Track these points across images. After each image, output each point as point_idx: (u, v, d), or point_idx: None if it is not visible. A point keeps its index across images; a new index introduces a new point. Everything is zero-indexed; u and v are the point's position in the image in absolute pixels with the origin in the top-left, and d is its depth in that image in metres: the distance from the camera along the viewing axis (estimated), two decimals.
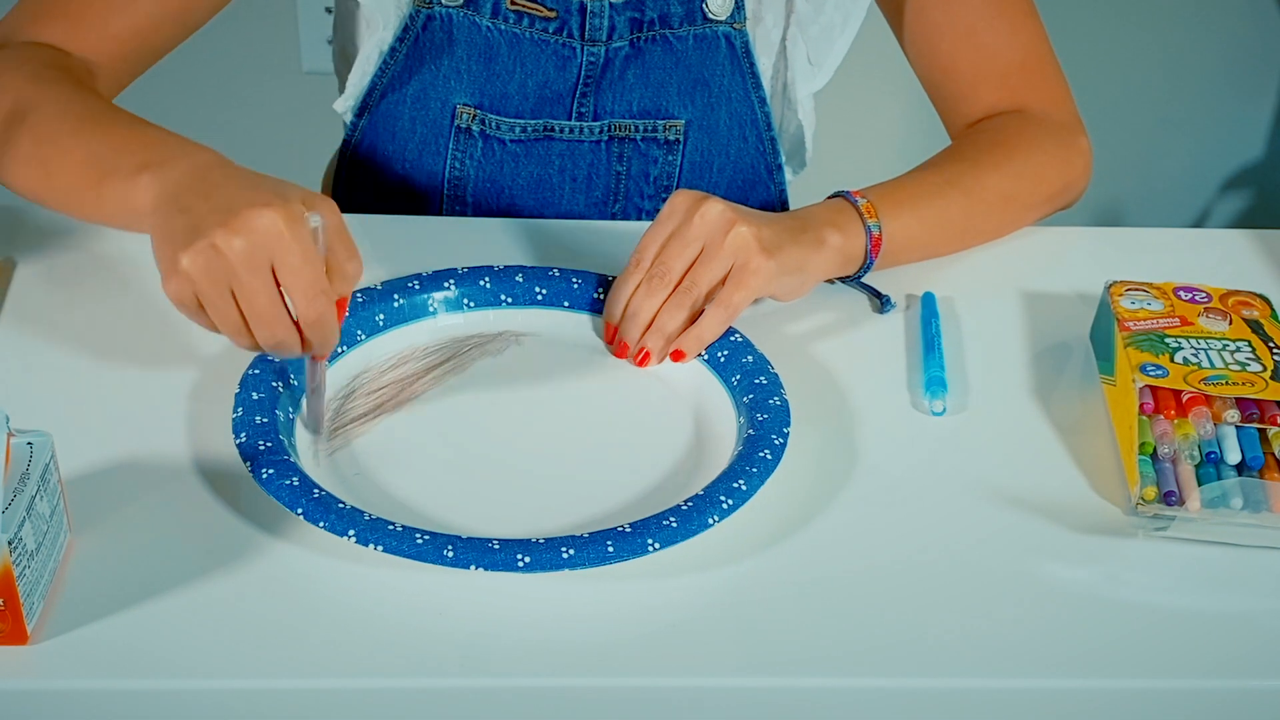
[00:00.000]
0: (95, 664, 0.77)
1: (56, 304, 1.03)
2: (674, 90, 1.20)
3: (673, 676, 0.79)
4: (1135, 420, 0.91)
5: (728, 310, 0.99)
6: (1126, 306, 1.00)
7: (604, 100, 1.19)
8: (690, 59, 1.18)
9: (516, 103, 1.18)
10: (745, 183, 1.26)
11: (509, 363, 1.00)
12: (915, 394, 0.99)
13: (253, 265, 0.83)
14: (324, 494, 0.84)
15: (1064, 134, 1.19)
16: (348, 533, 0.81)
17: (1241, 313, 1.00)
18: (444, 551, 0.81)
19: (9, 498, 0.76)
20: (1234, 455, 0.90)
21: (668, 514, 0.84)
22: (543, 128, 1.19)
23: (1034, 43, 1.19)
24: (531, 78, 1.17)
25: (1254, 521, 0.88)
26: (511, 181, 1.22)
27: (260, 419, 0.89)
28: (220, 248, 0.83)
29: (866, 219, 1.05)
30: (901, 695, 0.80)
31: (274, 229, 0.83)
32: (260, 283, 0.84)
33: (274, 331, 0.85)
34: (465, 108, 1.18)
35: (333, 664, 0.78)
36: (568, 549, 0.81)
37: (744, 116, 1.23)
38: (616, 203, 1.24)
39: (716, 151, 1.24)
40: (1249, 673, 0.81)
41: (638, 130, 1.21)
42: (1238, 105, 2.47)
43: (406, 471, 0.90)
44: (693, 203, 0.99)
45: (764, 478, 0.88)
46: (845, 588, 0.84)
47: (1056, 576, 0.86)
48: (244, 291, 0.84)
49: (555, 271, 1.04)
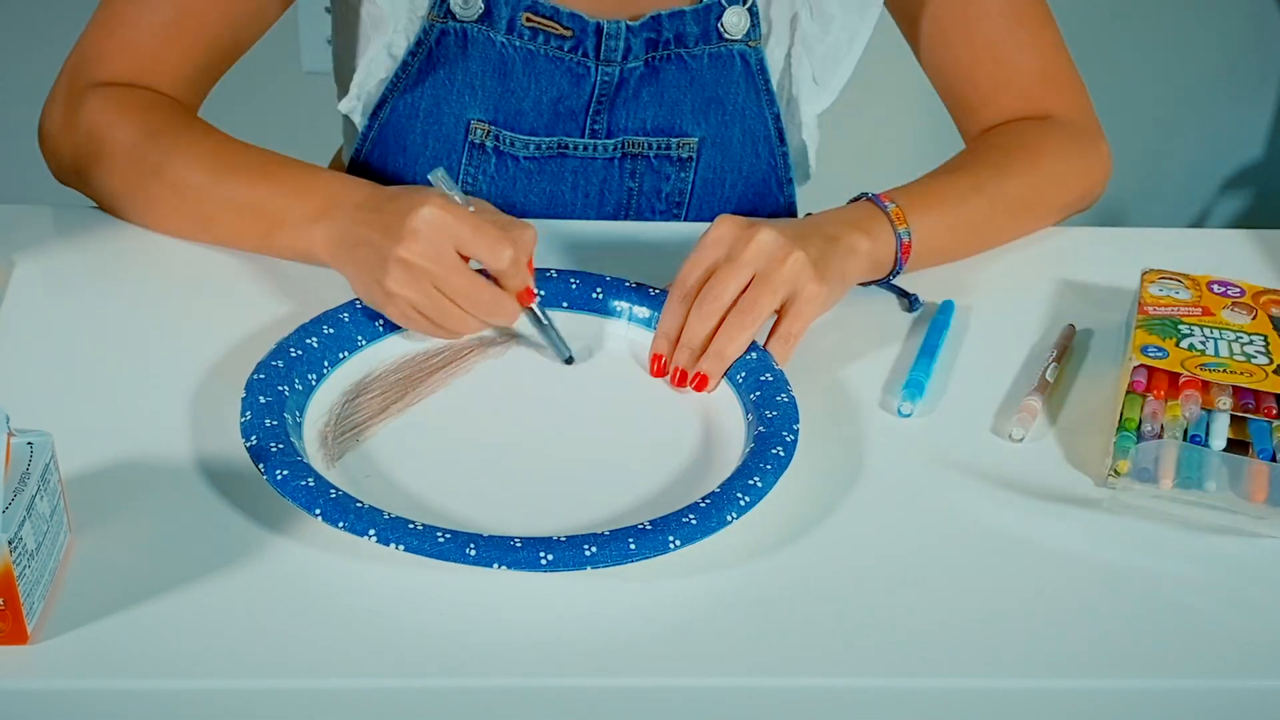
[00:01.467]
0: (95, 664, 0.77)
1: (56, 304, 1.03)
2: (688, 108, 1.19)
3: (678, 677, 0.79)
4: None
5: (788, 344, 0.98)
6: (1153, 293, 1.03)
7: (618, 118, 1.18)
8: (705, 78, 1.18)
9: (531, 119, 1.17)
10: (756, 196, 1.26)
11: (511, 364, 1.01)
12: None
13: (438, 257, 0.93)
14: (341, 494, 0.84)
15: (1085, 140, 1.19)
16: (368, 532, 0.81)
17: (1271, 310, 1.02)
18: (466, 550, 0.80)
19: (9, 497, 0.76)
20: (1219, 441, 0.92)
21: (687, 511, 0.84)
22: (557, 145, 1.19)
23: (1053, 50, 1.19)
24: (546, 94, 1.16)
25: (1224, 504, 0.88)
26: (524, 198, 1.21)
27: (270, 421, 0.89)
28: (407, 258, 0.93)
29: (896, 226, 1.05)
30: (900, 695, 0.80)
31: (435, 218, 0.93)
32: (452, 268, 0.94)
33: (483, 297, 0.95)
34: (479, 124, 1.17)
35: (332, 664, 0.78)
36: (590, 546, 0.81)
37: (757, 132, 1.22)
38: (628, 218, 1.24)
39: (729, 168, 1.23)
40: (1250, 672, 0.81)
41: (651, 148, 1.20)
42: (1238, 105, 2.47)
43: (415, 472, 0.90)
44: (742, 230, 0.98)
45: (778, 474, 0.88)
46: (850, 588, 0.84)
47: (1057, 577, 0.86)
48: (447, 284, 0.94)
49: (553, 273, 1.04)
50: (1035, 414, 0.97)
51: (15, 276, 1.05)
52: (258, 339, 0.98)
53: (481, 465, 0.92)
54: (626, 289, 1.04)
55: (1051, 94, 1.19)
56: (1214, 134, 2.49)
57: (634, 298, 1.03)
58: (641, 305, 1.03)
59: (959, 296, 1.09)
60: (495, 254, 0.94)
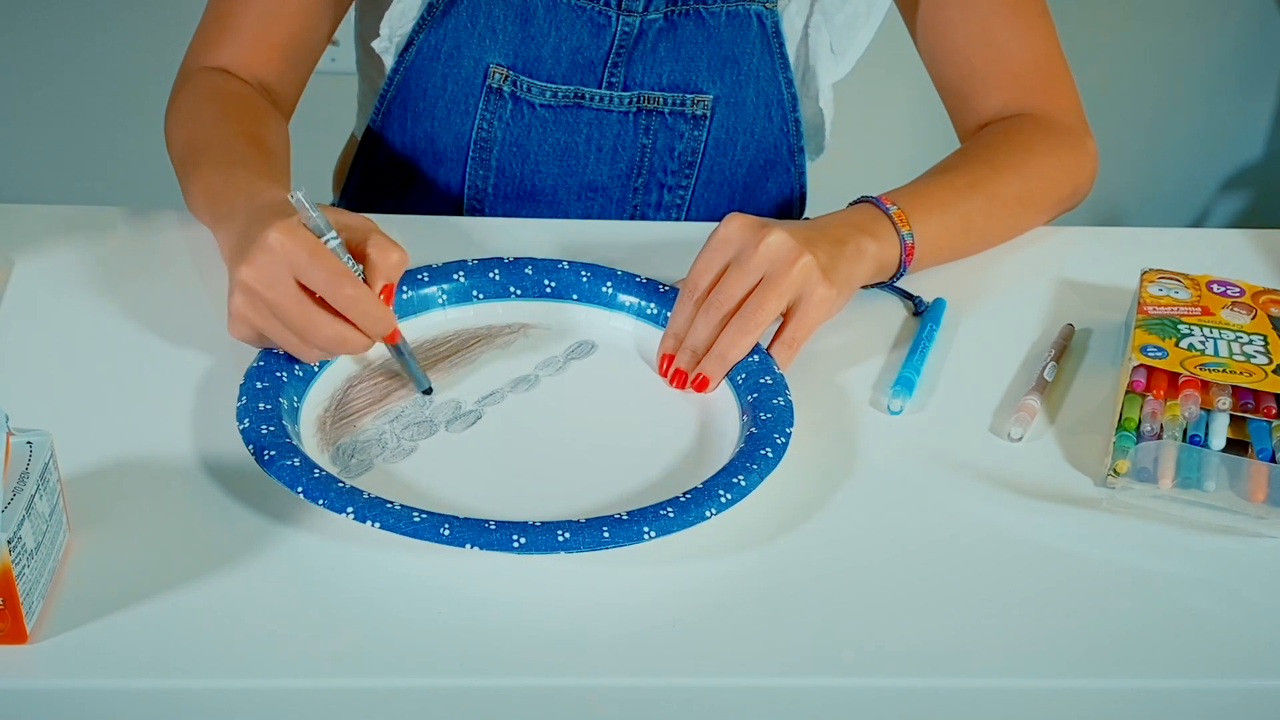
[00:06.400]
0: (95, 663, 0.77)
1: (56, 304, 1.03)
2: (704, 65, 1.20)
3: (671, 675, 0.79)
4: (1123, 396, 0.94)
5: (791, 349, 0.98)
6: (1152, 292, 1.03)
7: (635, 71, 1.20)
8: (722, 35, 1.19)
9: (549, 66, 1.19)
10: (767, 162, 1.27)
11: (517, 355, 1.01)
12: (902, 395, 1.00)
13: (272, 283, 0.90)
14: (324, 474, 0.84)
15: (1073, 138, 1.19)
16: (345, 510, 0.82)
17: (1271, 310, 1.02)
18: (440, 530, 0.81)
19: (8, 497, 0.76)
20: (1218, 441, 0.92)
21: (665, 504, 0.85)
22: (573, 94, 1.20)
23: (1046, 44, 1.20)
24: (565, 42, 1.18)
25: (1224, 504, 0.88)
26: (538, 147, 1.22)
27: (264, 405, 0.90)
28: (247, 281, 0.90)
29: (900, 228, 1.05)
30: (896, 695, 0.80)
31: (276, 244, 0.89)
32: (283, 295, 0.90)
33: (321, 332, 0.90)
34: (498, 68, 1.19)
35: (332, 663, 0.78)
36: (563, 532, 0.82)
37: (771, 96, 1.23)
38: (640, 176, 1.25)
39: (742, 129, 1.24)
40: (1250, 672, 0.81)
41: (666, 104, 1.21)
42: (1238, 105, 2.47)
43: (414, 462, 0.91)
44: (751, 231, 0.98)
45: (764, 474, 0.88)
46: (846, 586, 0.84)
47: (1056, 577, 0.86)
48: (278, 308, 0.90)
49: (565, 264, 1.04)
50: (1034, 414, 0.97)
51: (15, 276, 1.05)
52: None
53: (478, 454, 0.92)
54: (636, 284, 1.04)
55: (1044, 86, 1.20)
56: (1214, 134, 2.49)
57: (643, 293, 1.04)
58: (651, 301, 1.03)
59: (958, 296, 1.09)
60: (334, 287, 0.89)
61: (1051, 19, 1.20)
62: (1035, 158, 1.16)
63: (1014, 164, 1.15)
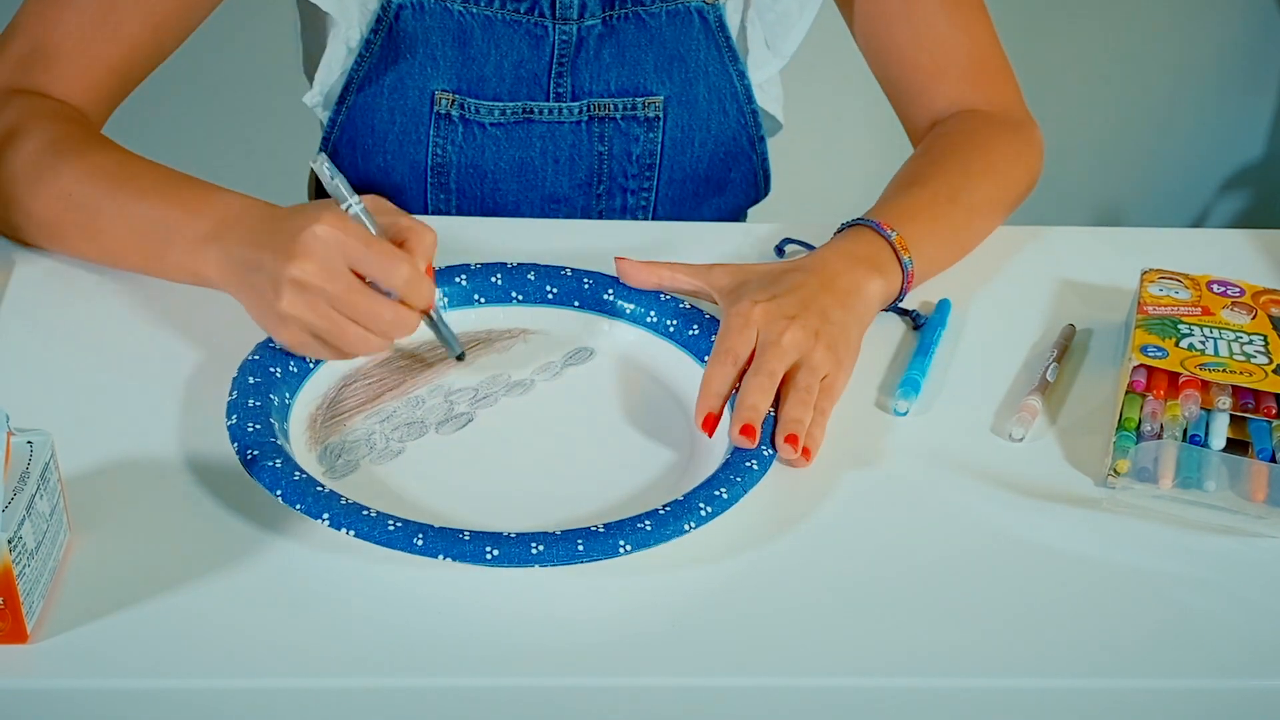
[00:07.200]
0: (95, 663, 0.77)
1: (56, 304, 1.03)
2: (650, 67, 1.20)
3: (669, 676, 0.79)
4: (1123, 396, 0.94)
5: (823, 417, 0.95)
6: (1152, 292, 1.03)
7: (581, 80, 1.19)
8: (664, 35, 1.19)
9: (494, 85, 1.19)
10: (728, 155, 1.27)
11: (514, 359, 1.01)
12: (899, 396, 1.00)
13: (333, 275, 0.88)
14: (304, 476, 0.84)
15: (1024, 131, 1.21)
16: (322, 515, 0.82)
17: (1271, 310, 1.02)
18: (414, 540, 0.81)
19: (9, 496, 0.76)
20: (1219, 441, 0.92)
21: (643, 517, 0.84)
22: (521, 110, 1.20)
23: (987, 36, 1.21)
24: (506, 58, 1.17)
25: (1224, 504, 0.88)
26: (494, 166, 1.22)
27: (253, 402, 0.90)
28: (301, 278, 0.88)
29: (901, 254, 1.04)
30: (897, 695, 0.80)
31: (329, 236, 0.88)
32: (348, 286, 0.89)
33: (384, 316, 0.90)
34: (444, 93, 1.18)
35: (331, 663, 0.78)
36: (537, 545, 0.81)
37: (723, 90, 1.23)
38: (601, 184, 1.24)
39: (697, 126, 1.24)
40: (1250, 672, 0.81)
41: (617, 109, 1.21)
42: (1237, 105, 2.47)
43: (400, 464, 0.91)
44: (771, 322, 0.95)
45: (746, 488, 0.87)
46: (847, 587, 0.84)
47: (1057, 576, 0.86)
48: (342, 302, 0.89)
49: (567, 271, 1.04)
50: (1035, 414, 0.97)
51: (15, 276, 1.05)
52: (258, 338, 0.98)
53: (467, 460, 0.92)
54: (638, 292, 1.04)
55: (990, 79, 1.21)
56: (1214, 133, 2.49)
57: (645, 301, 1.03)
58: (651, 310, 1.03)
59: (960, 297, 1.09)
60: (390, 272, 0.90)
61: (989, 15, 1.21)
62: (997, 158, 1.16)
63: (981, 169, 1.14)
